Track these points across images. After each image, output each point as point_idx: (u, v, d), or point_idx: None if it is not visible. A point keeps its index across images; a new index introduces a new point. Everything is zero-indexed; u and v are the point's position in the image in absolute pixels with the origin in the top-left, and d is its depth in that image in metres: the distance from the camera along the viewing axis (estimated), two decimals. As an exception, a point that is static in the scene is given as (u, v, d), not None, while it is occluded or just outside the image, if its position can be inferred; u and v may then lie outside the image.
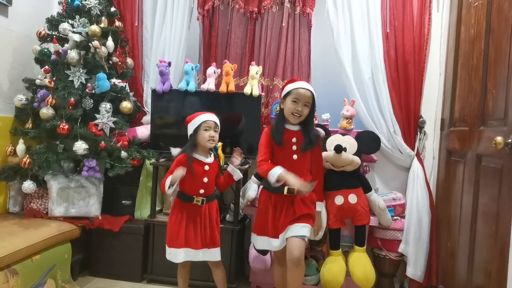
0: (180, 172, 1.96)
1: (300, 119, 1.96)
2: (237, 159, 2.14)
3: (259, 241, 2.03)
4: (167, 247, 2.06)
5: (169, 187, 1.95)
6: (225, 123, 2.25)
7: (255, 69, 2.64)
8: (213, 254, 2.08)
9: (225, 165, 2.51)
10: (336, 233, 2.40)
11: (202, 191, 2.05)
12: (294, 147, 1.96)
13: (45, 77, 2.58)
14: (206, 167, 2.07)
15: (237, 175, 2.15)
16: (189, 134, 2.09)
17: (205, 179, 2.06)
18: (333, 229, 2.38)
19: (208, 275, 2.23)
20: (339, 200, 2.37)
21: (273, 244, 1.97)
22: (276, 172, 1.84)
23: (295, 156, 1.95)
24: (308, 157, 2.00)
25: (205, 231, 2.06)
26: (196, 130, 2.05)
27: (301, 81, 2.00)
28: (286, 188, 1.91)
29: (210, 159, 2.11)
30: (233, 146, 2.67)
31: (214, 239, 2.09)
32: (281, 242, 1.94)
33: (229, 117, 2.63)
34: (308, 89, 1.94)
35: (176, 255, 2.04)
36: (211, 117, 2.06)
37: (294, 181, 1.82)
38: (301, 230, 1.90)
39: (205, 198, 2.06)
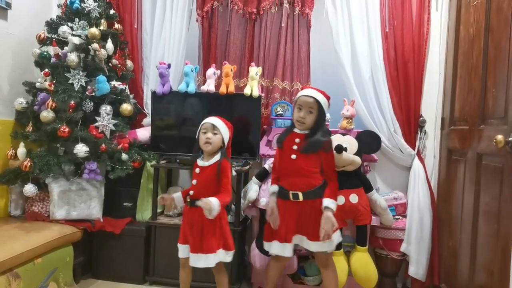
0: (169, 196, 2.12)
1: (305, 126, 1.99)
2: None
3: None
4: None
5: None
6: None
7: (254, 70, 2.63)
8: (202, 260, 1.98)
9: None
10: (337, 233, 2.40)
11: (191, 192, 2.05)
12: (295, 147, 2.00)
13: (45, 80, 2.58)
14: (197, 170, 2.07)
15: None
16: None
17: (194, 181, 2.07)
18: (334, 229, 2.39)
19: (208, 276, 2.22)
20: (340, 200, 2.35)
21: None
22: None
23: (293, 156, 1.99)
24: (314, 159, 1.99)
25: (195, 237, 1.99)
26: (198, 133, 2.08)
27: (308, 89, 2.04)
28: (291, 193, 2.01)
29: (208, 162, 2.04)
30: (233, 147, 2.68)
31: (204, 246, 1.98)
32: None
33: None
34: (310, 96, 1.96)
35: (179, 250, 2.09)
36: (209, 120, 2.06)
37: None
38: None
39: (191, 200, 2.02)
